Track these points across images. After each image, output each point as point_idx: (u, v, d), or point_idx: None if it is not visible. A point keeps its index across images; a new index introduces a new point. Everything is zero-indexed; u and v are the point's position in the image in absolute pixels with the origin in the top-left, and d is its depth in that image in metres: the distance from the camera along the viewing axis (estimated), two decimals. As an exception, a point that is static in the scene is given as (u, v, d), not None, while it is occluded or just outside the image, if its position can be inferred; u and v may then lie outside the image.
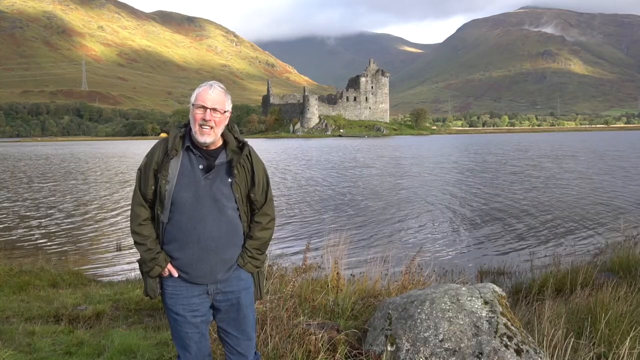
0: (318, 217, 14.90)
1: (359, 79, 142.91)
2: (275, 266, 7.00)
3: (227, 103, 2.64)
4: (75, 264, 9.25)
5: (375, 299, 4.55)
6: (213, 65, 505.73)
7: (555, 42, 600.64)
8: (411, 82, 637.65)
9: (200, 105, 2.56)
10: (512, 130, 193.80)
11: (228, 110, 2.64)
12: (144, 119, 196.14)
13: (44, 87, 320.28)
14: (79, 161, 46.50)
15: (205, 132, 2.55)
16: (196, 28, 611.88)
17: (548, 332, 3.44)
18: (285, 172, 30.32)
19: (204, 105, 2.55)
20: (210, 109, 2.55)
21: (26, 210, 16.88)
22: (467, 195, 18.97)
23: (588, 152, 46.16)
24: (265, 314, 3.79)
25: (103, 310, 5.82)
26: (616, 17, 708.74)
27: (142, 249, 2.59)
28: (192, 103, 2.60)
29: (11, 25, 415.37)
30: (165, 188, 2.55)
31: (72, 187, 23.88)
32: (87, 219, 15.08)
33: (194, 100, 2.59)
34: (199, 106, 2.56)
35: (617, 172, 26.81)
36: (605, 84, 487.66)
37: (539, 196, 18.25)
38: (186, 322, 2.65)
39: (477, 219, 14.10)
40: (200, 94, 2.58)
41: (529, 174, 26.88)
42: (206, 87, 2.61)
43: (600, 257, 7.53)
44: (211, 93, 2.58)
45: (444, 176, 26.70)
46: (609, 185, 20.89)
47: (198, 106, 2.56)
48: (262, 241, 2.73)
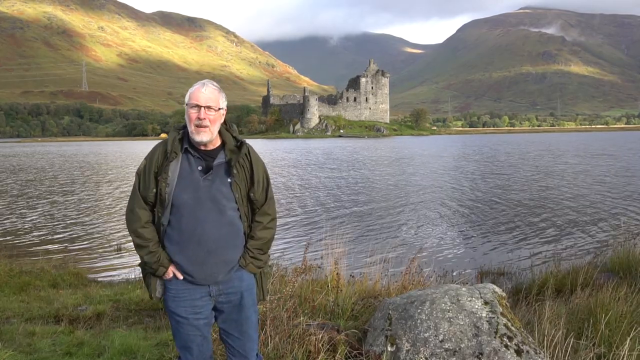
0: (318, 217, 14.90)
1: (359, 80, 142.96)
2: (275, 266, 7.00)
3: (222, 100, 2.62)
4: (75, 265, 9.25)
5: (376, 300, 4.55)
6: (213, 66, 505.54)
7: (555, 42, 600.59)
8: (411, 82, 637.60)
9: (194, 104, 2.55)
10: (513, 130, 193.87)
11: (223, 107, 2.62)
12: (144, 119, 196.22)
13: (44, 88, 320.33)
14: (79, 161, 46.50)
15: (201, 131, 2.54)
16: (196, 28, 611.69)
17: (548, 332, 3.44)
18: (285, 173, 30.32)
19: (197, 104, 2.54)
20: (205, 107, 2.54)
21: (26, 210, 16.88)
22: (466, 196, 18.96)
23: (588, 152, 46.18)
24: (265, 314, 3.79)
25: (103, 310, 5.82)
26: (616, 17, 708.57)
27: (143, 251, 2.58)
28: (186, 103, 2.59)
29: (11, 25, 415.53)
30: (166, 191, 2.54)
31: (72, 187, 23.89)
32: (88, 219, 15.08)
33: (187, 100, 2.59)
34: (192, 105, 2.55)
35: (617, 171, 26.80)
36: (606, 85, 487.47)
37: (539, 196, 18.25)
38: (189, 324, 2.63)
39: (478, 220, 14.10)
40: (193, 93, 2.57)
41: (529, 173, 26.87)
42: (199, 85, 2.60)
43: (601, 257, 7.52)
44: (204, 91, 2.57)
45: (444, 176, 26.69)
46: (610, 185, 20.88)
47: (192, 105, 2.55)
48: (263, 241, 2.71)
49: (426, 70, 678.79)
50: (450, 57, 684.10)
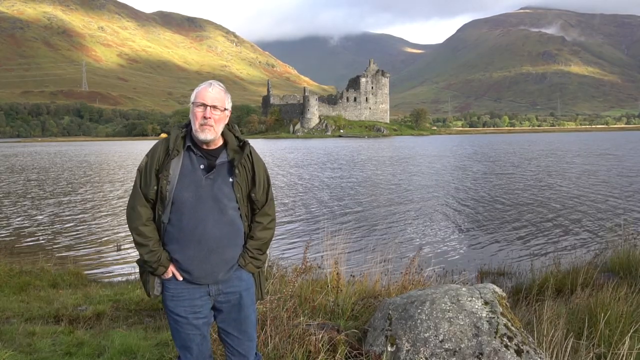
0: (318, 217, 14.89)
1: (359, 80, 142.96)
2: (275, 266, 6.99)
3: (227, 101, 2.65)
4: (75, 265, 9.25)
5: (376, 300, 4.55)
6: (213, 66, 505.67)
7: (555, 42, 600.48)
8: (411, 82, 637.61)
9: (200, 103, 2.57)
10: (513, 130, 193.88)
11: (228, 108, 2.65)
12: (144, 119, 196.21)
13: (44, 88, 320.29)
14: (79, 161, 46.50)
15: (206, 130, 2.56)
16: (196, 28, 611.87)
17: (548, 332, 3.44)
18: (285, 173, 30.32)
19: (204, 103, 2.57)
20: (210, 107, 2.57)
21: (26, 210, 16.89)
22: (466, 196, 18.96)
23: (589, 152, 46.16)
24: (265, 314, 3.79)
25: (103, 310, 5.82)
26: (616, 17, 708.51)
27: (144, 250, 2.57)
28: (192, 101, 2.61)
29: (11, 25, 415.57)
30: (167, 188, 2.55)
31: (72, 187, 23.89)
32: (88, 219, 15.08)
33: (194, 99, 2.61)
34: (199, 104, 2.58)
35: (619, 172, 26.80)
36: (606, 85, 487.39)
37: (539, 196, 18.25)
38: (188, 323, 2.64)
39: (478, 219, 14.10)
40: (200, 92, 2.60)
41: (529, 174, 26.87)
42: (206, 85, 2.63)
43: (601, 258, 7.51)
44: (211, 91, 2.60)
45: (444, 177, 26.69)
46: (610, 185, 20.88)
47: (198, 104, 2.58)
48: (263, 241, 2.72)
49: (426, 70, 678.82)
50: (450, 57, 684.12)
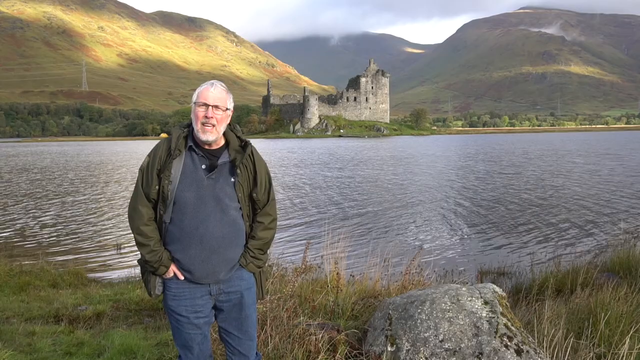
0: (318, 217, 14.89)
1: (359, 80, 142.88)
2: (275, 266, 6.99)
3: (229, 101, 2.66)
4: (75, 264, 9.25)
5: (376, 299, 4.55)
6: (213, 66, 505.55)
7: (555, 42, 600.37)
8: (411, 82, 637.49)
9: (202, 103, 2.58)
10: (513, 130, 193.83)
11: (230, 108, 2.65)
12: (144, 119, 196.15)
13: (44, 88, 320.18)
14: (79, 161, 46.50)
15: (208, 130, 2.56)
16: (196, 28, 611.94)
17: (548, 332, 3.44)
18: (285, 173, 30.32)
19: (205, 103, 2.57)
20: (212, 107, 2.57)
21: (26, 210, 16.88)
22: (466, 196, 18.96)
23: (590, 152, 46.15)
24: (265, 314, 3.79)
25: (103, 310, 5.82)
26: (616, 17, 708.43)
27: (145, 249, 2.57)
28: (194, 101, 2.62)
29: (11, 25, 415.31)
30: (168, 188, 2.55)
31: (72, 187, 23.89)
32: (88, 219, 15.08)
33: (195, 99, 2.61)
34: (200, 104, 2.58)
35: (620, 171, 26.80)
36: (606, 85, 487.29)
37: (539, 196, 18.24)
38: (189, 323, 2.64)
39: (477, 219, 14.10)
40: (202, 92, 2.60)
41: (529, 173, 26.87)
42: (208, 85, 2.63)
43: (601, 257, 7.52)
44: (213, 91, 2.60)
45: (445, 176, 26.69)
46: (611, 185, 20.88)
47: (200, 104, 2.58)
48: (264, 241, 2.73)
49: (426, 70, 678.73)
50: (451, 57, 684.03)
